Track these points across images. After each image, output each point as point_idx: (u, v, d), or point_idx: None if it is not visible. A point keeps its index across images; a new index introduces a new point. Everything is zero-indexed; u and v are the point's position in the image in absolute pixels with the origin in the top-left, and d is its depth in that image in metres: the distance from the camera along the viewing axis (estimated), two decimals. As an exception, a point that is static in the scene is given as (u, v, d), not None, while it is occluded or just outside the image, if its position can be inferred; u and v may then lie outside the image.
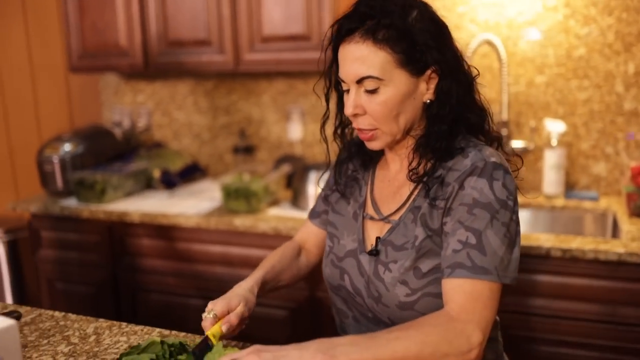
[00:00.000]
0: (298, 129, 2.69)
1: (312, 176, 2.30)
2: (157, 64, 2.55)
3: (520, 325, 1.86)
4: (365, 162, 1.31)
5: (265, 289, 1.28)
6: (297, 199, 2.33)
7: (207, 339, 1.07)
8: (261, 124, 2.81)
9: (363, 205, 1.26)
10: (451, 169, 1.11)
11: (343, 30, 1.10)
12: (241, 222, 2.18)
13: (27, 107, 3.20)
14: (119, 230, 2.38)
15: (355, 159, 1.33)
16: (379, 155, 1.29)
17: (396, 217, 1.18)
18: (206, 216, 2.25)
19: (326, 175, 1.42)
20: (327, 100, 1.24)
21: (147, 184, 2.67)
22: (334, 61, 1.17)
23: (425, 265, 1.11)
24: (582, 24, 2.24)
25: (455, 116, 1.13)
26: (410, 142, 1.18)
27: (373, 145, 1.17)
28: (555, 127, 2.24)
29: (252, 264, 2.20)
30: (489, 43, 2.28)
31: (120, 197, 2.51)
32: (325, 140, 1.28)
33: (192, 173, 2.81)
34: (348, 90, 1.14)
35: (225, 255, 2.24)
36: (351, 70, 1.10)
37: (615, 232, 2.09)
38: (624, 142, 2.26)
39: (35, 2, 3.07)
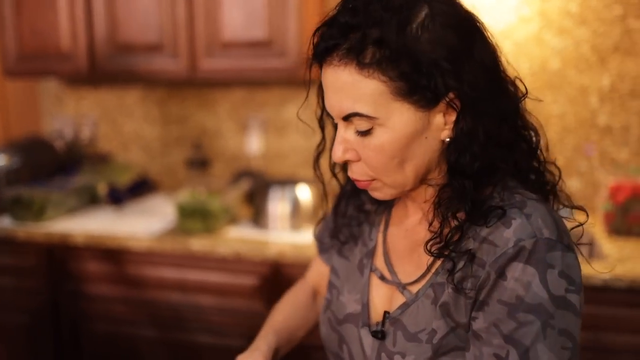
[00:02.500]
0: (257, 141, 2.52)
1: (274, 193, 2.14)
2: (104, 69, 2.34)
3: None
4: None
5: (277, 357, 1.01)
6: (258, 218, 2.16)
7: None
8: (217, 136, 2.63)
9: (372, 254, 0.97)
10: (486, 241, 0.77)
11: (320, 47, 0.79)
12: (198, 245, 1.99)
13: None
14: (60, 254, 2.14)
15: (364, 193, 1.01)
16: None
17: (413, 289, 0.87)
18: (159, 238, 2.04)
19: (323, 224, 1.12)
20: (322, 127, 0.95)
21: (92, 200, 2.44)
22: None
23: None
24: (556, 36, 2.16)
25: (483, 164, 0.79)
26: (430, 193, 0.86)
27: (376, 196, 0.87)
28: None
29: (210, 289, 2.01)
30: (462, 54, 2.17)
31: (61, 215, 2.28)
32: (321, 177, 0.98)
33: (141, 188, 2.59)
34: (335, 122, 0.85)
35: (181, 280, 2.05)
36: (333, 103, 0.80)
37: (592, 251, 2.01)
38: (598, 159, 2.19)
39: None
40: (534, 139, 0.84)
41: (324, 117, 0.93)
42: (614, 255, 1.81)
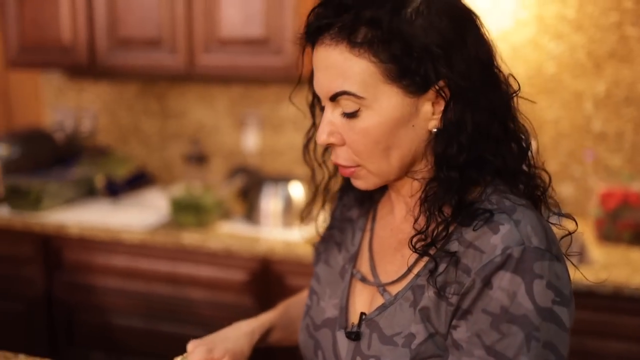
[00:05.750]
0: (254, 138, 2.54)
1: (267, 190, 2.16)
2: (104, 62, 2.36)
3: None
4: (363, 198, 0.98)
5: (273, 336, 1.03)
6: (251, 214, 2.18)
7: None
8: (215, 132, 2.65)
9: (354, 258, 0.94)
10: (472, 246, 0.75)
11: (313, 26, 0.79)
12: (189, 239, 2.01)
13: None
14: (56, 244, 2.18)
15: (349, 192, 1.00)
16: (380, 190, 0.94)
17: (393, 290, 0.84)
18: (152, 231, 2.07)
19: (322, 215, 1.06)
20: (313, 114, 0.92)
21: (89, 191, 2.47)
22: None
23: None
24: (552, 40, 2.17)
25: (470, 156, 0.77)
26: (415, 187, 0.83)
27: (359, 185, 0.84)
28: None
29: (200, 283, 2.04)
30: (458, 56, 2.18)
31: (58, 205, 2.31)
32: (311, 163, 0.95)
33: (139, 181, 2.62)
34: (322, 105, 0.83)
35: (172, 274, 2.07)
36: (322, 82, 0.79)
37: (582, 258, 2.01)
38: (592, 165, 2.20)
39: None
40: (524, 141, 0.81)
41: (315, 103, 0.91)
42: (601, 262, 1.82)
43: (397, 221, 0.89)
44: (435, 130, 0.78)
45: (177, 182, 2.64)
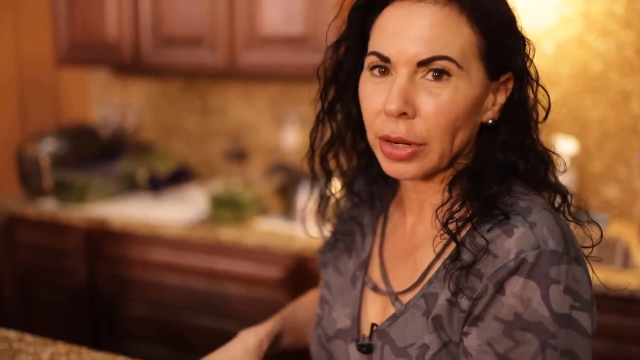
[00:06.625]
0: (293, 135, 2.55)
1: (305, 188, 2.16)
2: (147, 60, 2.41)
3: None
4: (372, 199, 0.94)
5: (282, 343, 1.00)
6: (288, 211, 2.19)
7: None
8: (255, 129, 2.67)
9: (365, 265, 0.90)
10: (485, 250, 0.72)
11: None
12: (227, 235, 2.04)
13: (12, 99, 3.06)
14: (98, 237, 2.24)
15: (357, 194, 0.95)
16: (391, 192, 0.91)
17: (404, 299, 0.81)
18: (190, 227, 2.10)
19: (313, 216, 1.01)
20: (323, 98, 0.86)
21: (131, 186, 2.53)
22: (349, 30, 0.82)
23: None
24: (599, 38, 2.11)
25: (512, 153, 0.76)
26: (444, 178, 0.80)
27: (404, 170, 0.75)
28: (566, 147, 2.10)
29: (238, 279, 2.06)
30: (500, 54, 2.14)
31: (102, 199, 2.37)
32: (322, 173, 0.90)
33: (180, 177, 2.67)
34: (381, 71, 0.75)
35: (210, 269, 2.10)
36: (418, 41, 0.71)
37: (626, 262, 1.95)
38: (638, 166, 2.12)
39: (26, -9, 2.93)
40: (546, 156, 0.79)
41: (329, 86, 0.86)
42: (645, 266, 1.76)
43: (409, 226, 0.86)
44: (490, 122, 0.77)
45: (217, 179, 2.68)
